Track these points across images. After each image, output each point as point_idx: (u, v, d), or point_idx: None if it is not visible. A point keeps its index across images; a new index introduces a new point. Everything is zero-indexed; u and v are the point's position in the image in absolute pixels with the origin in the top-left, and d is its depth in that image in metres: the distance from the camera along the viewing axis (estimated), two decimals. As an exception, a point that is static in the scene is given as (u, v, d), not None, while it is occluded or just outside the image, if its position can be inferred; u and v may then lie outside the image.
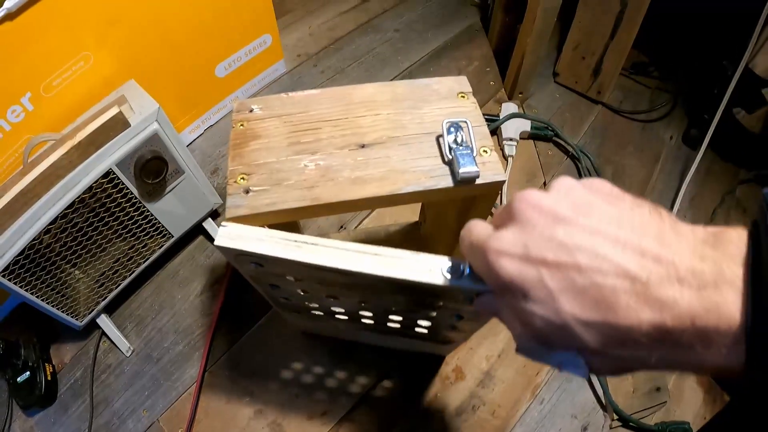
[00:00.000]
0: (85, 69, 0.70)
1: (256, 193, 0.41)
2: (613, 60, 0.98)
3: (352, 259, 0.36)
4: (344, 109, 0.46)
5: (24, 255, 0.61)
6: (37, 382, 0.73)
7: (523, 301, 0.25)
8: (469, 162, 0.39)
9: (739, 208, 0.97)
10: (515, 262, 0.25)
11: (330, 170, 0.42)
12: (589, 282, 0.23)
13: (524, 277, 0.25)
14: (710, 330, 0.21)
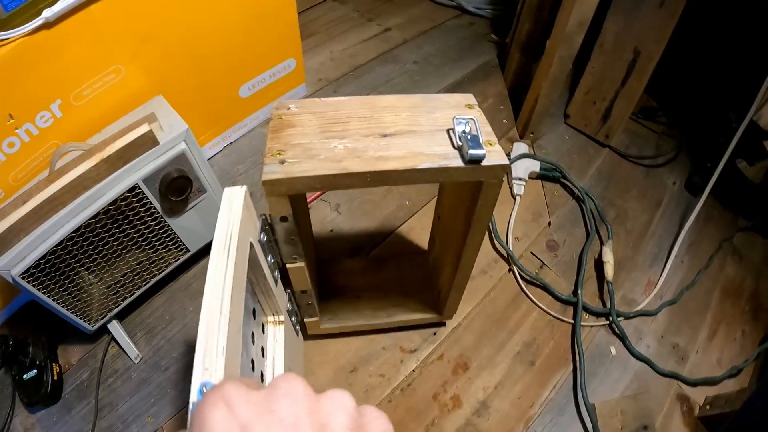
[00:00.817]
0: (115, 81, 0.72)
1: (290, 164, 0.45)
2: (623, 106, 1.01)
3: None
4: (369, 111, 0.52)
5: (45, 259, 0.63)
6: (43, 380, 0.74)
7: None
8: (477, 146, 0.44)
9: (735, 256, 1.00)
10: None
11: (357, 150, 0.47)
12: None
13: None
14: None
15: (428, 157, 0.46)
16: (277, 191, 0.45)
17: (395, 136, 0.48)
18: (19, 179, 0.70)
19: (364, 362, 0.78)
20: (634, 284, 0.90)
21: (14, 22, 0.60)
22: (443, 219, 0.71)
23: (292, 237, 0.52)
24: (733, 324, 0.90)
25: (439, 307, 0.73)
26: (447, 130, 0.49)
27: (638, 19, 0.92)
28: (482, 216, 0.52)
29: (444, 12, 1.37)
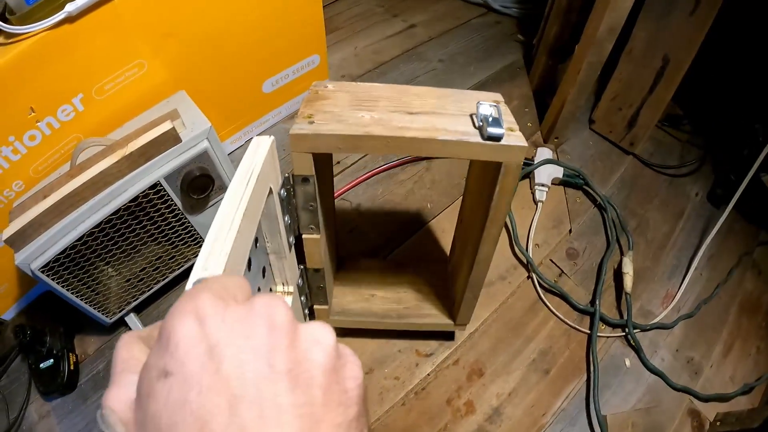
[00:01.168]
0: (137, 76, 0.72)
1: (318, 124, 0.47)
2: (649, 114, 0.99)
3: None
4: (399, 95, 0.53)
5: (65, 254, 0.63)
6: (59, 370, 0.75)
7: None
8: (497, 125, 0.46)
9: (754, 270, 0.99)
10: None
11: (382, 120, 0.48)
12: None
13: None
14: None
15: (449, 132, 0.47)
16: (302, 146, 0.47)
17: (420, 115, 0.50)
18: (39, 171, 0.70)
19: (379, 364, 0.78)
20: (652, 296, 0.89)
21: (36, 16, 0.59)
22: (464, 222, 0.71)
23: (311, 203, 0.53)
24: (749, 340, 0.89)
25: (454, 314, 0.73)
26: (470, 115, 0.50)
27: (669, 26, 0.90)
28: (500, 205, 0.52)
29: (470, 10, 1.35)
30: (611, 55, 0.93)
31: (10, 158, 0.65)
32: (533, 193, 0.98)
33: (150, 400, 0.19)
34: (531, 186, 0.99)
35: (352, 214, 0.95)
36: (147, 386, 0.19)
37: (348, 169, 1.01)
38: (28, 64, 0.60)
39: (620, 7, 0.83)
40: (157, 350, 0.20)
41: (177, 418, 0.18)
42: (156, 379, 0.19)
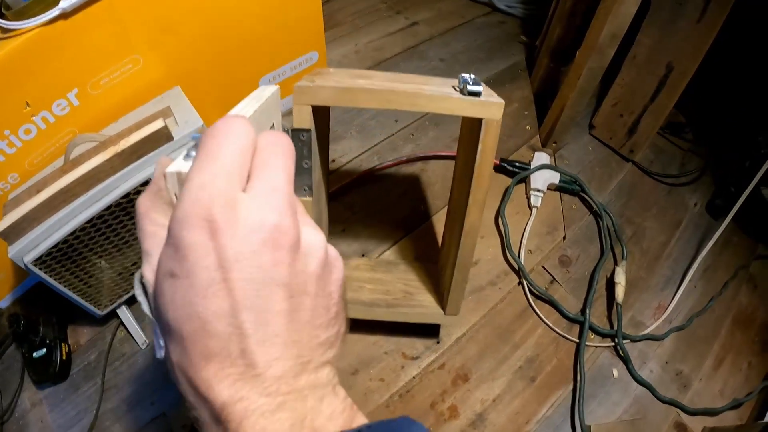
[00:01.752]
0: (133, 71, 0.72)
1: (319, 82, 0.52)
2: (651, 121, 0.98)
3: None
4: (393, 75, 0.59)
5: (57, 248, 0.64)
6: (52, 359, 0.76)
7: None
8: (477, 84, 0.51)
9: (750, 284, 0.98)
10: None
11: (375, 84, 0.53)
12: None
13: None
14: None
15: (434, 91, 0.52)
16: (303, 99, 0.51)
17: (410, 83, 0.55)
18: (35, 164, 0.70)
19: (365, 365, 0.78)
20: (644, 306, 0.89)
21: (31, 12, 0.59)
22: (452, 207, 0.74)
23: (306, 161, 0.55)
24: (741, 354, 0.88)
25: (443, 303, 0.73)
26: (452, 86, 0.55)
27: (674, 33, 0.89)
28: (483, 165, 0.55)
29: (475, 8, 1.33)
30: (614, 60, 0.92)
31: (6, 151, 0.65)
32: (528, 198, 0.97)
33: (158, 294, 0.22)
34: (527, 191, 0.98)
35: (345, 213, 0.94)
36: (159, 281, 0.22)
37: (343, 168, 1.01)
38: (24, 60, 0.60)
39: (623, 13, 0.81)
40: (166, 250, 0.22)
41: (181, 314, 0.21)
42: (163, 277, 0.21)
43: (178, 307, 0.21)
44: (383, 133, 1.06)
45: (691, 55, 0.88)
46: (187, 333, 0.21)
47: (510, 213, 0.96)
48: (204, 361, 0.21)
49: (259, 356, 0.21)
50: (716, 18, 0.83)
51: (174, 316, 0.21)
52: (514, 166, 0.99)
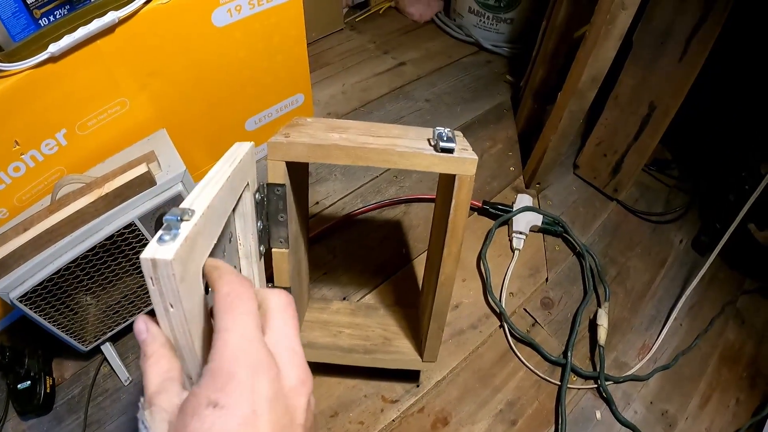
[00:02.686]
0: (120, 113, 0.74)
1: (293, 138, 0.53)
2: (635, 160, 0.99)
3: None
4: (368, 126, 0.60)
5: (42, 285, 0.65)
6: (36, 391, 0.76)
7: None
8: (450, 141, 0.52)
9: (737, 319, 0.97)
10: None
11: (349, 138, 0.54)
12: None
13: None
14: None
15: (407, 147, 0.53)
16: (277, 155, 0.52)
17: (384, 138, 0.56)
18: (23, 201, 0.72)
19: (344, 408, 0.78)
20: (628, 347, 0.88)
21: (22, 54, 0.62)
22: (430, 254, 0.74)
23: (281, 214, 0.56)
24: (728, 391, 0.87)
25: (421, 349, 0.73)
26: (428, 138, 0.56)
27: (656, 73, 0.90)
28: (457, 219, 0.56)
29: (462, 48, 1.36)
30: (597, 100, 0.93)
31: (-5, 188, 0.67)
32: (510, 240, 0.98)
33: (194, 419, 0.24)
34: (509, 233, 0.99)
35: (327, 257, 0.95)
36: (193, 408, 0.24)
37: (326, 211, 1.02)
38: (14, 100, 0.62)
39: (602, 57, 0.83)
40: (211, 383, 0.25)
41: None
42: (204, 406, 0.24)
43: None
44: (367, 176, 1.08)
45: (673, 93, 0.90)
46: None
47: (492, 255, 0.97)
48: None
49: None
50: (697, 57, 0.84)
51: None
52: (496, 209, 1.00)
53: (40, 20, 0.69)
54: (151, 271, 0.27)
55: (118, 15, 0.66)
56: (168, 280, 0.27)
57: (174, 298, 0.28)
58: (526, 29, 1.30)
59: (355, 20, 1.41)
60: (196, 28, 0.74)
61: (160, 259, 0.26)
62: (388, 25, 1.43)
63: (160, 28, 0.70)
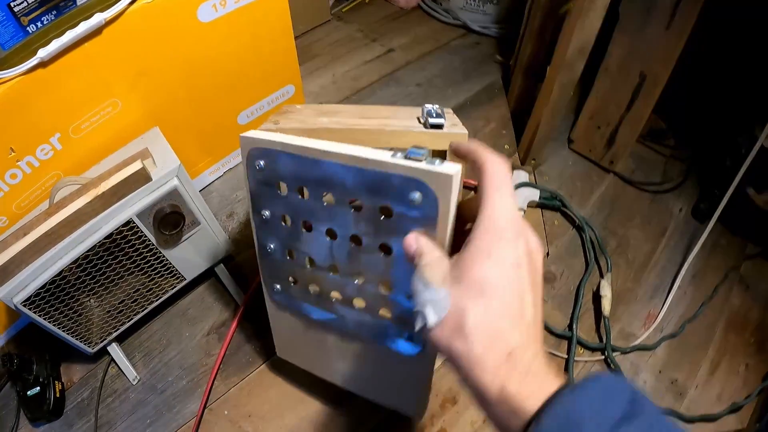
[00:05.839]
0: (112, 114, 0.74)
1: (283, 125, 0.53)
2: (629, 131, 0.99)
3: (325, 144, 0.46)
4: (358, 109, 0.60)
5: (45, 288, 0.65)
6: (46, 397, 0.77)
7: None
8: (439, 117, 0.52)
9: (742, 285, 0.97)
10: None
11: (339, 122, 0.54)
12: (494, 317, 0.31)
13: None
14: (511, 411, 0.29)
15: (397, 126, 0.53)
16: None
17: (375, 119, 0.56)
18: (22, 207, 0.72)
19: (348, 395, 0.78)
20: (633, 317, 0.89)
21: (11, 62, 0.62)
22: None
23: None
24: (737, 357, 0.87)
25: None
26: (417, 117, 0.56)
27: (644, 42, 0.90)
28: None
29: (450, 32, 1.36)
30: (588, 73, 0.93)
31: (-6, 196, 0.68)
32: (509, 216, 0.97)
33: (475, 265, 0.32)
34: (507, 209, 0.98)
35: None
36: (472, 258, 0.32)
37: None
38: (6, 107, 0.62)
39: (588, 27, 0.83)
40: (486, 241, 0.33)
41: (500, 282, 0.32)
42: (482, 256, 0.32)
43: (492, 279, 0.32)
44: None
45: (662, 61, 0.89)
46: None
47: (492, 232, 0.96)
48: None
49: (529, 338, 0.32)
50: (685, 23, 0.84)
51: (490, 286, 0.32)
52: (493, 187, 0.99)
53: (27, 27, 0.69)
54: (439, 183, 0.38)
55: (104, 16, 0.66)
56: (452, 189, 0.38)
57: (452, 204, 0.38)
58: (512, 9, 1.29)
59: (342, 11, 1.41)
60: (183, 25, 0.74)
61: (446, 173, 0.37)
62: (374, 13, 1.42)
63: (147, 27, 0.70)
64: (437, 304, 0.33)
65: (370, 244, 0.51)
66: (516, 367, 0.30)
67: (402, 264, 0.50)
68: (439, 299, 0.33)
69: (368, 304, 0.57)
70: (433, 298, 0.33)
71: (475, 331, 0.31)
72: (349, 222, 0.50)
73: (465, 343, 0.31)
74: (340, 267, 0.55)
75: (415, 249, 0.38)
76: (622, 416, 0.26)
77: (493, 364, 0.30)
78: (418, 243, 0.39)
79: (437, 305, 0.33)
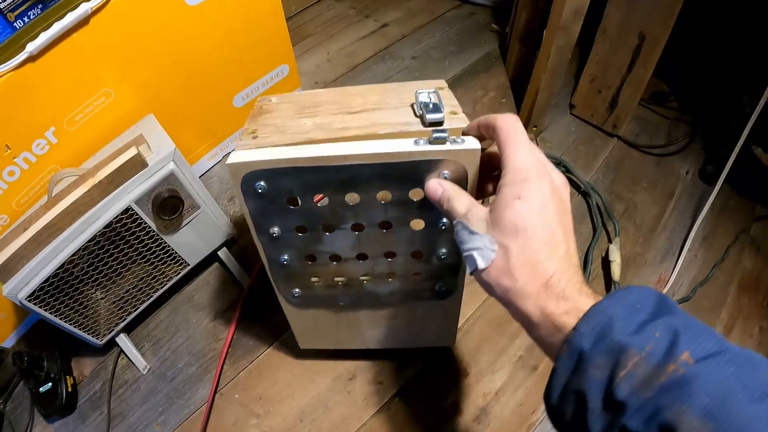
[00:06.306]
0: (106, 104, 0.73)
1: (262, 137, 0.48)
2: (630, 93, 0.97)
3: (343, 147, 0.44)
4: (342, 97, 0.54)
5: (48, 282, 0.65)
6: (58, 392, 0.77)
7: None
8: (436, 111, 0.46)
9: (753, 247, 0.95)
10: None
11: (323, 124, 0.49)
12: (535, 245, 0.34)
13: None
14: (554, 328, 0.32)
15: (390, 125, 0.48)
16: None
17: (362, 113, 0.51)
18: (22, 204, 0.72)
19: (362, 369, 0.78)
20: (644, 282, 0.87)
21: (0, 58, 0.61)
22: None
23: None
24: (751, 319, 0.86)
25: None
26: (411, 105, 0.51)
27: (642, 2, 0.87)
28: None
29: (444, 3, 1.32)
30: (586, 36, 0.91)
31: (-7, 195, 0.67)
32: (512, 186, 0.96)
33: (506, 209, 0.35)
34: (510, 179, 0.97)
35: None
36: (504, 202, 0.35)
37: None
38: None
39: (584, -12, 0.81)
40: (513, 186, 0.35)
41: (531, 219, 0.34)
42: (512, 199, 0.35)
43: (524, 218, 0.34)
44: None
45: (661, 22, 0.87)
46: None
47: (496, 202, 0.95)
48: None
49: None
50: (683, -21, 0.81)
51: (523, 222, 0.34)
52: (495, 156, 0.98)
53: (14, 23, 0.68)
54: (467, 159, 0.42)
55: (90, 5, 0.65)
56: (478, 160, 0.43)
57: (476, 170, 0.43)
58: (507, -23, 1.26)
59: (333, -12, 1.37)
60: (170, 10, 0.72)
61: (473, 149, 0.42)
62: (367, -11, 1.39)
63: (134, 14, 0.69)
64: (484, 250, 0.36)
65: (400, 224, 0.52)
66: (555, 292, 0.33)
67: (432, 231, 0.52)
68: (485, 245, 0.36)
69: (400, 274, 0.59)
70: (480, 245, 0.36)
71: (517, 267, 0.34)
72: (377, 213, 0.50)
73: (510, 279, 0.34)
74: (370, 252, 0.56)
75: (441, 194, 0.42)
76: (650, 316, 0.29)
77: (534, 292, 0.33)
78: (443, 187, 0.42)
79: (484, 251, 0.36)
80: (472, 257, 0.36)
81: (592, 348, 0.29)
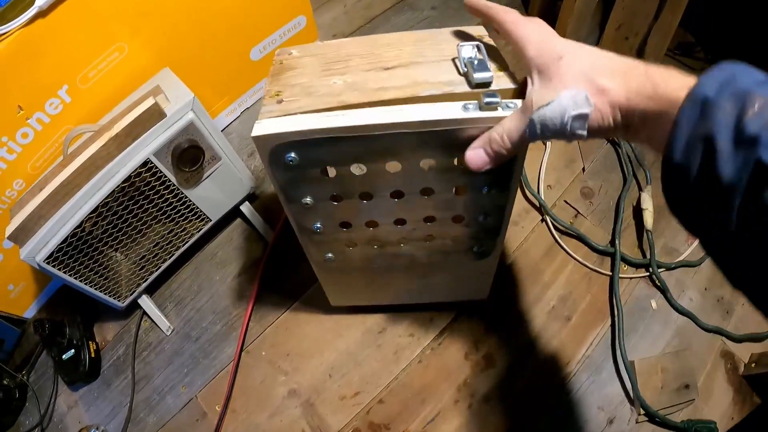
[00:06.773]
0: (119, 60, 0.70)
1: (288, 102, 0.43)
2: (658, 41, 0.93)
3: (383, 114, 0.40)
4: (371, 48, 0.49)
5: (67, 242, 0.63)
6: (81, 359, 0.76)
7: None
8: (484, 68, 0.41)
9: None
10: None
11: (356, 84, 0.44)
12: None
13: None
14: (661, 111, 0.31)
15: (432, 85, 0.43)
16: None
17: (398, 68, 0.45)
18: (37, 167, 0.70)
19: (392, 322, 0.77)
20: (677, 232, 0.84)
21: (9, 16, 0.58)
22: None
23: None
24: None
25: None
26: (452, 59, 0.45)
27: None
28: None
29: (463, -49, 1.26)
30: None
31: (7, 158, 0.65)
32: (540, 133, 0.93)
33: (561, 66, 0.35)
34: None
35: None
36: (552, 65, 0.36)
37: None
38: (8, 64, 0.59)
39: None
40: (542, 55, 0.37)
41: (584, 53, 0.36)
42: (556, 60, 0.36)
43: (579, 56, 0.36)
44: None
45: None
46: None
47: (523, 150, 0.92)
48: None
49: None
50: None
51: (581, 58, 0.36)
52: (522, 103, 0.94)
53: (23, -21, 0.65)
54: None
55: (100, -42, 0.62)
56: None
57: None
58: None
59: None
60: (182, -40, 0.69)
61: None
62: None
63: (144, -35, 0.66)
64: (577, 101, 0.34)
65: (443, 190, 0.48)
66: (656, 73, 0.32)
67: (476, 195, 0.48)
68: (575, 96, 0.34)
69: (439, 237, 0.56)
70: (570, 102, 0.34)
71: (604, 77, 0.33)
72: (419, 180, 0.47)
73: (608, 94, 0.33)
74: (408, 218, 0.53)
75: (498, 144, 0.39)
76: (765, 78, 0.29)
77: (637, 85, 0.32)
78: (492, 146, 0.40)
79: (578, 102, 0.34)
80: (577, 118, 0.34)
81: (717, 94, 0.28)
